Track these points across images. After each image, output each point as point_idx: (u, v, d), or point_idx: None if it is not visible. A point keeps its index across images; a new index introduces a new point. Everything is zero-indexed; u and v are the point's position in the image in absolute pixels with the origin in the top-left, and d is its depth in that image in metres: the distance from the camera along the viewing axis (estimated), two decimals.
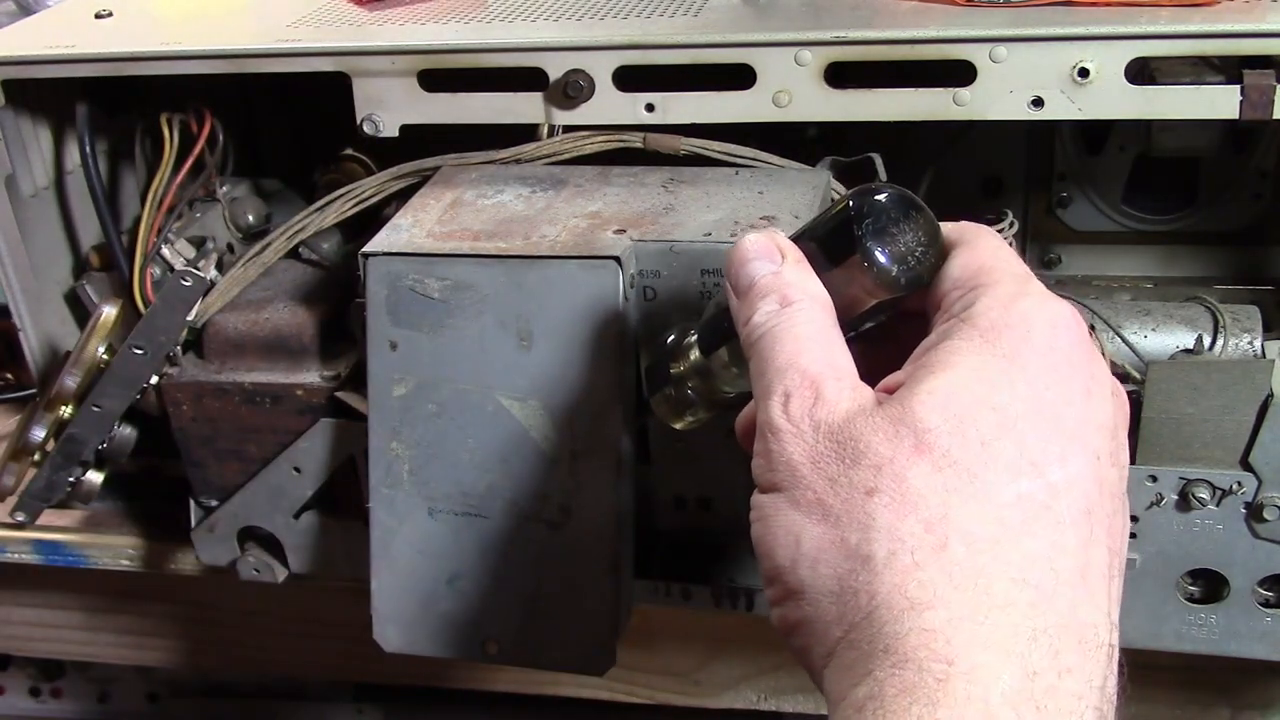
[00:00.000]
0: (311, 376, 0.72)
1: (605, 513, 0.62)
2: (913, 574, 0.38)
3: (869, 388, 0.42)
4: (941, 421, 0.39)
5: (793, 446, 0.41)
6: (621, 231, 0.62)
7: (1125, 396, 0.44)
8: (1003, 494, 0.39)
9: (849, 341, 0.44)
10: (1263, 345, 0.70)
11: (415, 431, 0.64)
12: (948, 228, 0.46)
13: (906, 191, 0.45)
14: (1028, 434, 0.40)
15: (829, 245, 0.45)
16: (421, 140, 0.72)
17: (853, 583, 0.39)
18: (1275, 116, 0.61)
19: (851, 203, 0.44)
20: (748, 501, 0.65)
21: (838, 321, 0.44)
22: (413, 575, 0.65)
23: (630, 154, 0.70)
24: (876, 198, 0.44)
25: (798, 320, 0.43)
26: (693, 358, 0.53)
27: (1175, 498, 0.63)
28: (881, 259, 0.43)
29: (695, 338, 0.53)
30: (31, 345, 0.80)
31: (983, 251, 0.44)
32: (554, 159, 0.71)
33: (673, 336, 0.55)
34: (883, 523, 0.39)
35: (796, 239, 0.46)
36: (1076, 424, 0.41)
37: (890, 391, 0.42)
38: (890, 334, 0.47)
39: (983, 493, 0.39)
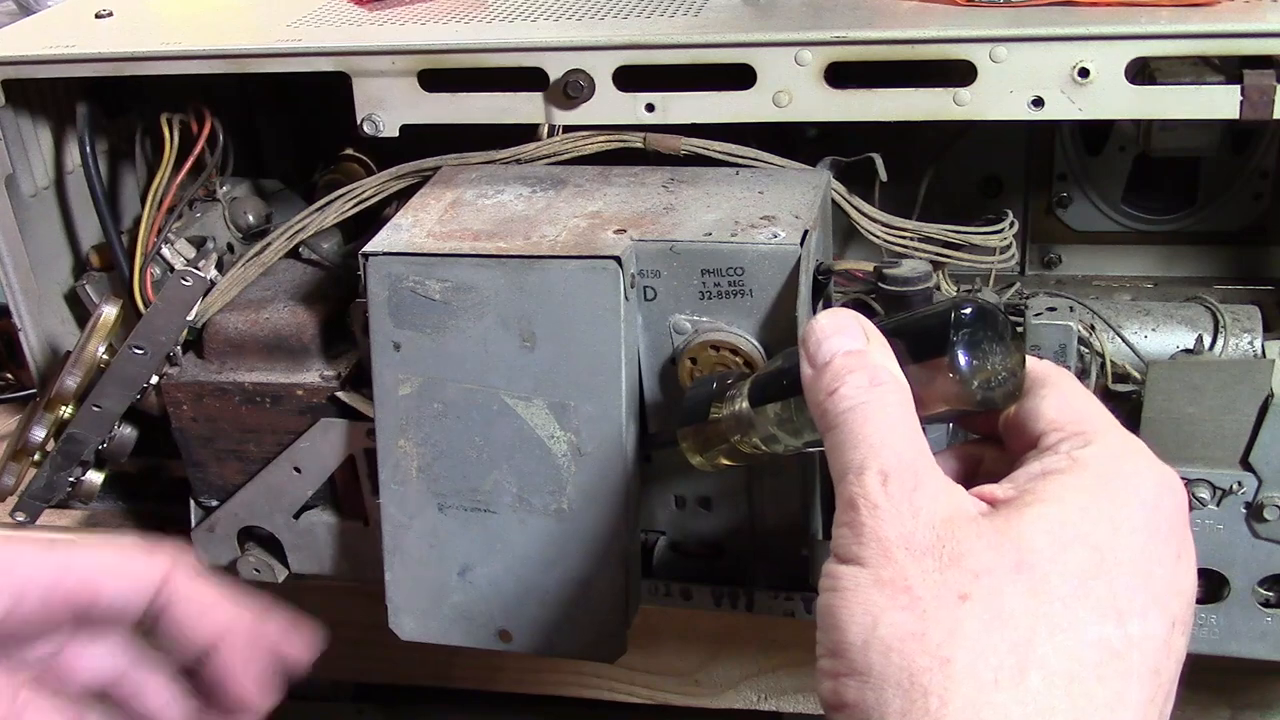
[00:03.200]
0: (312, 376, 0.72)
1: (612, 506, 0.62)
2: (990, 694, 0.38)
3: (961, 488, 0.42)
4: (1046, 548, 0.40)
5: (889, 525, 0.40)
6: (622, 231, 0.62)
7: (1196, 572, 0.44)
8: (1086, 633, 0.39)
9: None
10: (1263, 345, 0.70)
11: (422, 430, 0.64)
12: (1030, 363, 0.47)
13: (1009, 318, 0.46)
14: (1120, 581, 0.40)
15: (917, 341, 0.45)
16: (421, 140, 0.72)
17: (925, 681, 0.38)
18: (1275, 116, 0.61)
19: (956, 308, 0.45)
20: (747, 501, 0.66)
21: None
22: (425, 567, 0.66)
23: (630, 154, 0.70)
24: (983, 311, 0.45)
25: (889, 402, 0.43)
26: (739, 407, 0.53)
27: None
28: (967, 370, 0.44)
29: (746, 387, 0.53)
30: (31, 345, 0.80)
31: (1079, 397, 0.46)
32: (554, 159, 0.71)
33: (717, 383, 0.55)
34: (970, 631, 0.38)
35: (880, 326, 0.46)
36: (1163, 585, 0.41)
37: (984, 500, 0.42)
38: None
39: (1068, 626, 0.39)
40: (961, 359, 0.44)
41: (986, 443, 0.50)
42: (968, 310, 0.45)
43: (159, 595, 0.51)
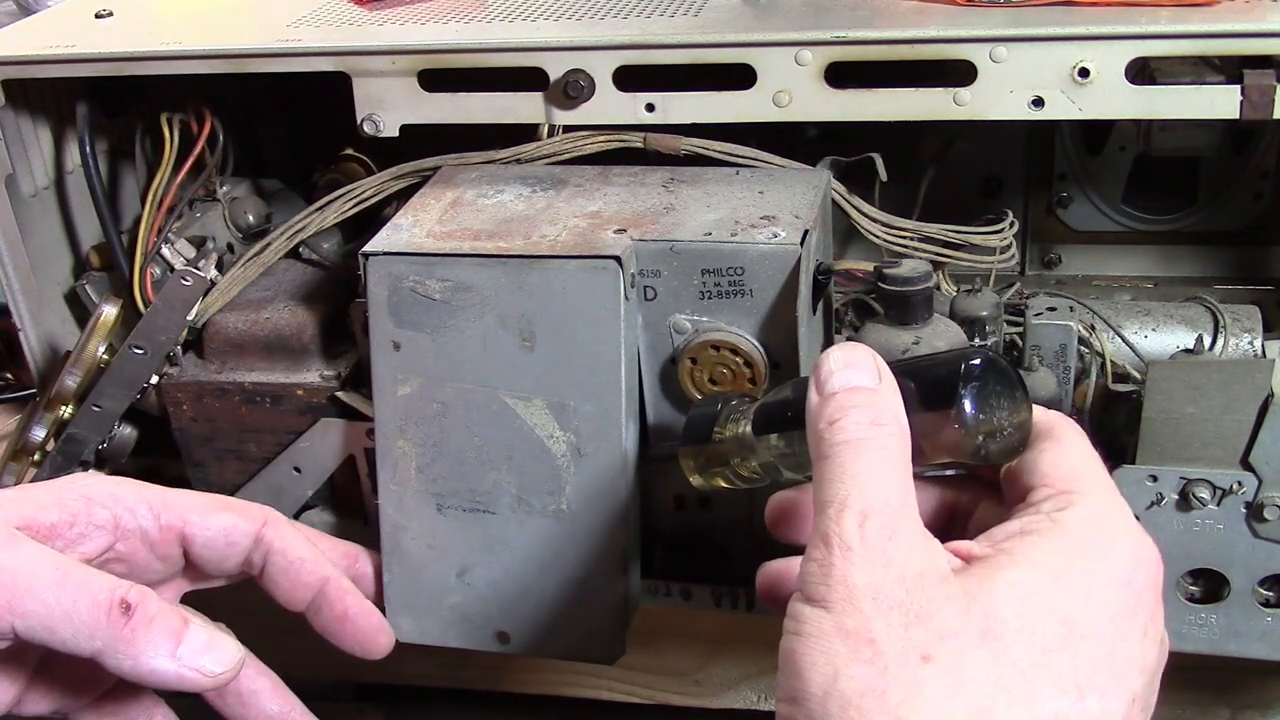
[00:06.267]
0: (312, 376, 0.72)
1: (611, 507, 0.62)
2: None
3: (938, 542, 0.42)
4: (1014, 617, 0.39)
5: (859, 571, 0.40)
6: (622, 231, 0.62)
7: (1168, 645, 0.44)
8: (1043, 707, 0.39)
9: None
10: (1263, 345, 0.70)
11: (421, 430, 0.64)
12: (1037, 414, 0.46)
13: (1017, 372, 0.46)
14: (1083, 655, 0.40)
15: (926, 389, 0.45)
16: (421, 140, 0.72)
17: None
18: (1275, 116, 0.61)
19: (967, 360, 0.44)
20: (747, 501, 0.66)
21: None
22: (423, 569, 0.65)
23: (630, 154, 0.70)
24: (992, 364, 0.45)
25: (888, 444, 0.42)
26: (741, 430, 0.53)
27: (1175, 498, 0.63)
28: (972, 422, 0.44)
29: (751, 413, 0.53)
30: (31, 345, 0.80)
31: (1075, 454, 0.45)
32: (554, 159, 0.71)
33: (721, 405, 0.55)
34: (931, 694, 0.38)
35: (892, 366, 0.46)
36: (1126, 661, 0.41)
37: (959, 556, 0.42)
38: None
39: (1027, 699, 0.38)
40: (968, 410, 0.44)
41: (985, 488, 0.49)
42: (977, 361, 0.44)
43: (258, 545, 0.58)
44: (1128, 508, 0.44)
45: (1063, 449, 0.45)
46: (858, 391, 0.44)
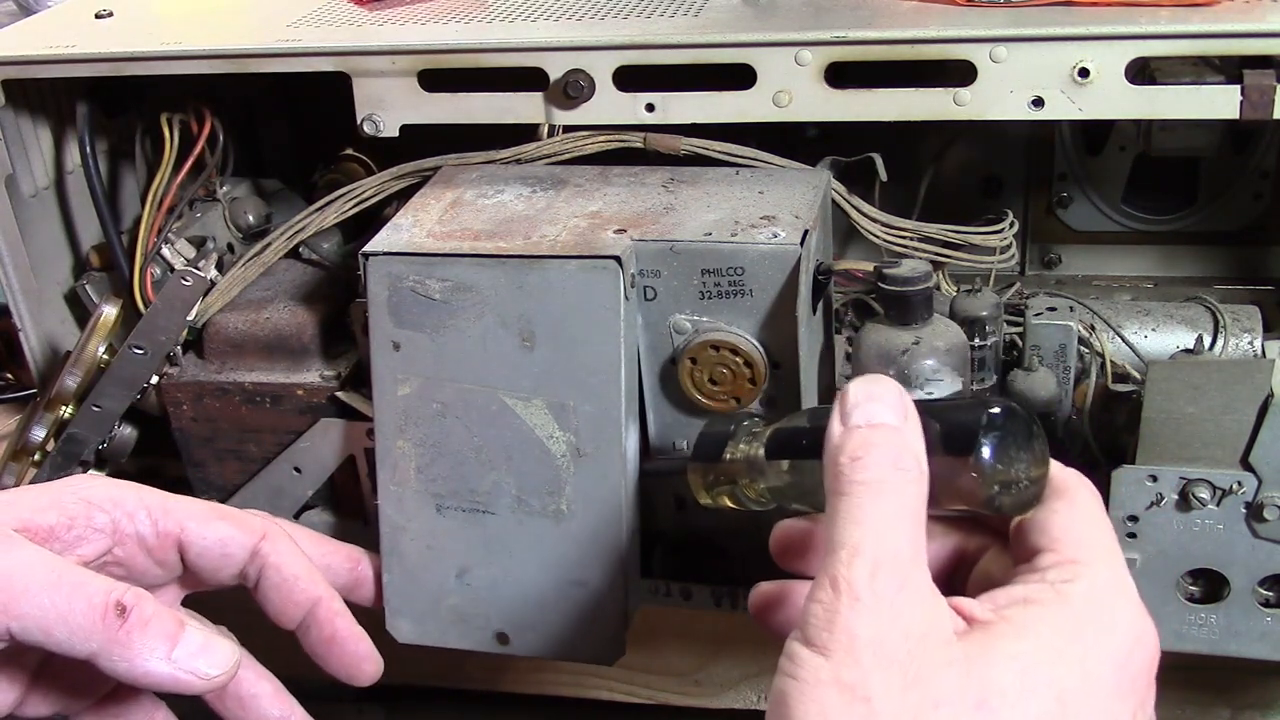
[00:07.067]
0: (312, 376, 0.72)
1: (611, 507, 0.62)
2: None
3: (943, 599, 0.41)
4: (1011, 690, 0.39)
5: (865, 622, 0.39)
6: (622, 231, 0.62)
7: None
8: None
9: None
10: (1263, 345, 0.70)
11: (421, 430, 0.64)
12: (1054, 470, 0.46)
13: (1039, 427, 0.45)
14: None
15: (946, 434, 0.44)
16: (421, 140, 0.72)
17: None
18: (1275, 116, 0.61)
19: (989, 408, 0.44)
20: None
21: None
22: (423, 569, 0.65)
23: (630, 154, 0.70)
24: (1014, 417, 0.44)
25: (908, 492, 0.42)
26: (753, 452, 0.52)
27: (1175, 498, 0.63)
28: (989, 473, 0.43)
29: (765, 436, 0.52)
30: (31, 345, 0.80)
31: (1086, 518, 0.45)
32: (554, 159, 0.71)
33: (734, 424, 0.55)
34: None
35: (917, 406, 0.45)
36: None
37: (960, 615, 0.41)
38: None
39: None
40: (986, 458, 0.43)
41: (993, 535, 0.49)
42: (998, 411, 0.44)
43: (254, 559, 0.57)
44: (1132, 583, 0.44)
45: (1074, 511, 0.45)
46: (881, 429, 0.43)
